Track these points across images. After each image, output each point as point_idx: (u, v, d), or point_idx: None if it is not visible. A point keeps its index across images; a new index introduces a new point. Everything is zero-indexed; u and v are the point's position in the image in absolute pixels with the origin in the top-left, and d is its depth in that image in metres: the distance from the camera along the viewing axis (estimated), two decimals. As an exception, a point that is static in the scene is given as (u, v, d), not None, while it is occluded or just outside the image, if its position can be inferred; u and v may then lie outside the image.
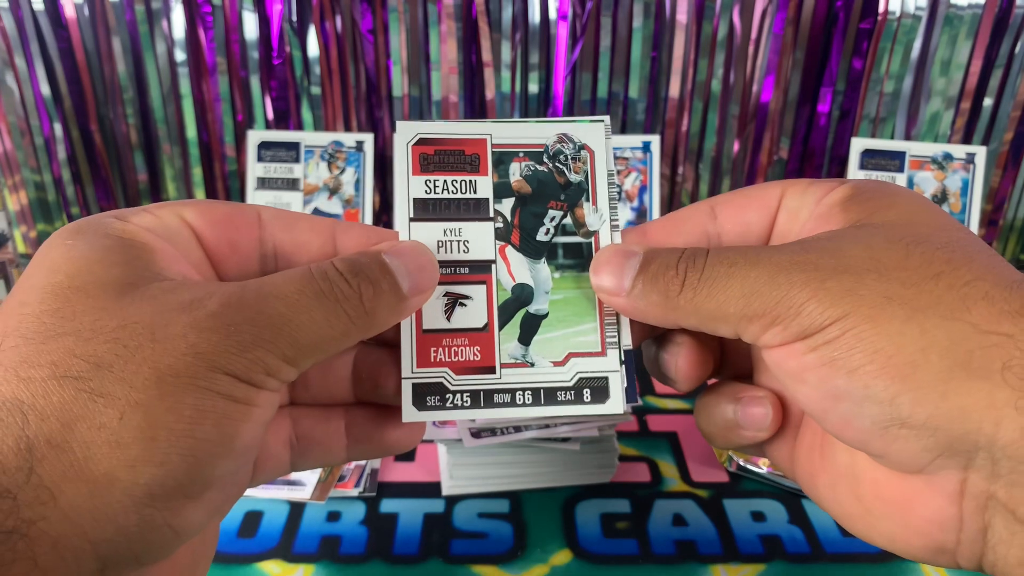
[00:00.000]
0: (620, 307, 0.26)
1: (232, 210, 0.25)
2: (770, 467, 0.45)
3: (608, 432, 0.45)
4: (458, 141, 0.27)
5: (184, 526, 0.20)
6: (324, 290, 0.22)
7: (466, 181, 0.27)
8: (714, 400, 0.27)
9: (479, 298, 0.27)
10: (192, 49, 0.70)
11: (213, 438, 0.20)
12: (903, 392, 0.20)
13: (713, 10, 0.70)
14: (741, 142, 0.75)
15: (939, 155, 0.66)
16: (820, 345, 0.22)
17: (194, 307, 0.21)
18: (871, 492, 0.24)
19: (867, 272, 0.22)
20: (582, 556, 0.41)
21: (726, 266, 0.23)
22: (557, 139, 0.28)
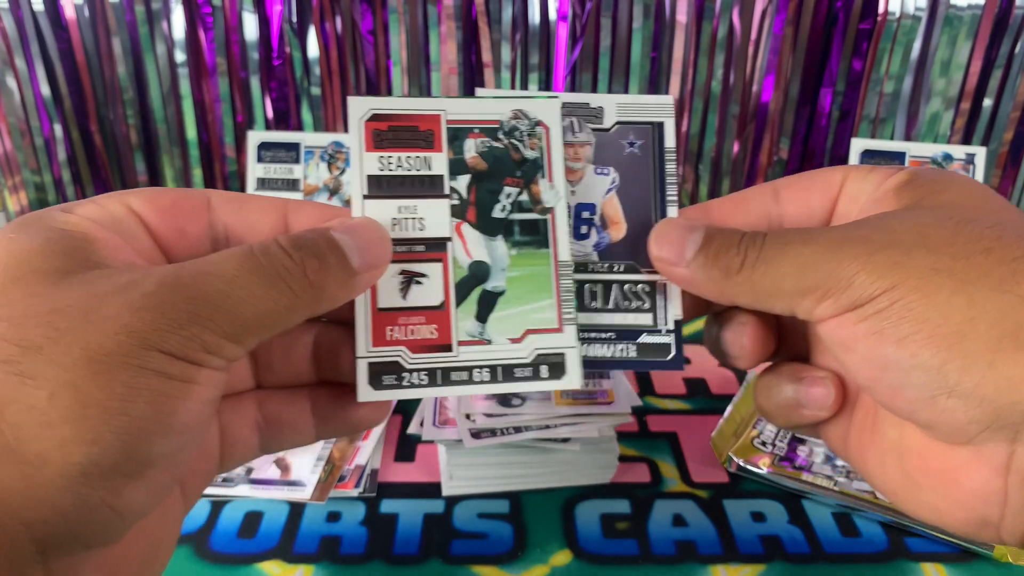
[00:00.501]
0: (678, 277, 0.26)
1: (180, 196, 0.25)
2: (770, 468, 0.45)
3: (608, 432, 0.45)
4: (412, 117, 0.27)
5: (125, 506, 0.20)
6: (265, 265, 0.22)
7: (420, 158, 0.27)
8: (775, 380, 0.28)
9: (435, 276, 0.27)
10: (192, 50, 0.70)
11: (148, 415, 0.20)
12: (950, 360, 0.21)
13: (713, 10, 0.70)
14: (741, 142, 0.75)
15: (939, 156, 0.66)
16: (870, 315, 0.22)
17: (129, 288, 0.20)
18: (917, 465, 0.24)
19: (916, 247, 0.22)
20: (582, 556, 0.41)
21: (782, 245, 0.24)
22: (512, 115, 0.28)
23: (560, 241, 0.27)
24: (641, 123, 0.28)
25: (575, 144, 0.28)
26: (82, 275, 0.21)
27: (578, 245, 0.28)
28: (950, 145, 0.67)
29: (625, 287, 0.27)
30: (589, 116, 0.28)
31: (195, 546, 0.41)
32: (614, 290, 0.27)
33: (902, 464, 0.25)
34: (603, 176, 0.28)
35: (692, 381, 0.57)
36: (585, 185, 0.28)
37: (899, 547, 0.42)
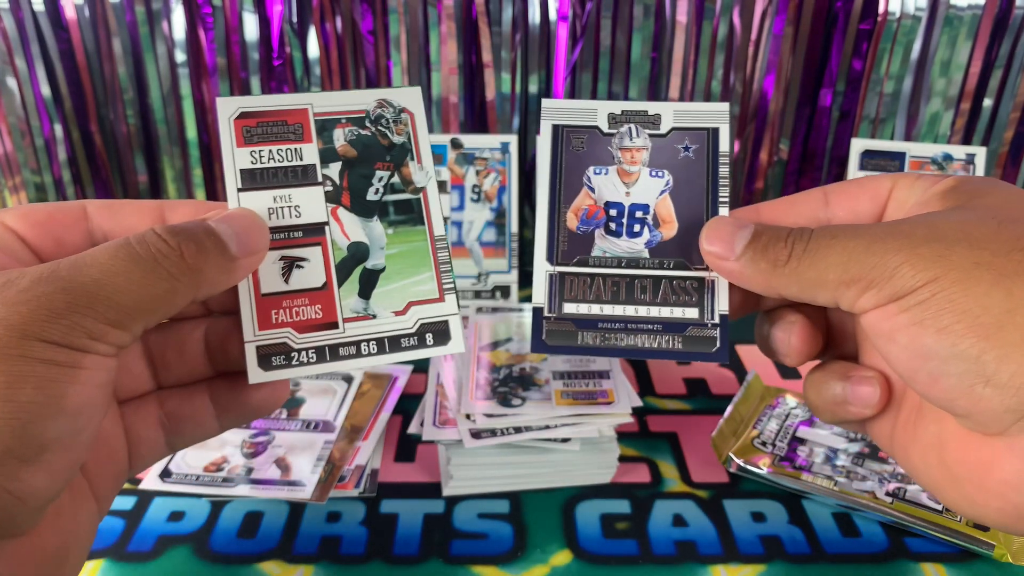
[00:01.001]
0: (727, 270, 0.28)
1: (55, 209, 0.27)
2: (770, 468, 0.45)
3: (608, 432, 0.45)
4: (280, 112, 0.29)
5: (26, 491, 0.21)
6: (141, 252, 0.23)
7: (291, 149, 0.29)
8: (824, 377, 0.29)
9: (315, 259, 0.28)
10: (192, 50, 0.70)
11: (37, 400, 0.20)
12: (988, 350, 0.22)
13: (713, 11, 0.70)
14: (741, 143, 0.75)
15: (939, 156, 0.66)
16: (912, 306, 0.23)
17: (5, 287, 0.21)
18: (955, 456, 0.25)
19: (958, 242, 0.23)
20: (582, 556, 0.41)
21: (828, 239, 0.25)
22: (377, 104, 0.30)
23: (434, 217, 0.29)
24: (696, 129, 0.30)
25: (632, 149, 0.30)
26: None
27: (630, 243, 0.29)
28: (950, 145, 0.67)
29: (674, 283, 0.29)
30: (646, 123, 0.30)
31: (195, 546, 0.41)
32: (663, 285, 0.29)
33: (942, 457, 0.25)
34: (657, 179, 0.30)
35: (692, 381, 0.57)
36: (640, 187, 0.30)
37: (899, 547, 0.42)
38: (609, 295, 0.29)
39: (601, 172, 0.30)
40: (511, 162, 0.66)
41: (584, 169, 0.30)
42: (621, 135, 0.30)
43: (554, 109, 0.30)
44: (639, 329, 0.29)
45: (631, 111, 0.30)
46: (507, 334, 0.53)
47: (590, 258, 0.29)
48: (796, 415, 0.49)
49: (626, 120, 0.30)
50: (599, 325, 0.29)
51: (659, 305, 0.29)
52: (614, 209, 0.30)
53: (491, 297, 0.65)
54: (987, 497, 0.24)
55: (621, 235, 0.30)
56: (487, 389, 0.47)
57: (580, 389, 0.47)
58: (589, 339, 0.28)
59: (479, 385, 0.47)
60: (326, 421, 0.49)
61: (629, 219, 0.30)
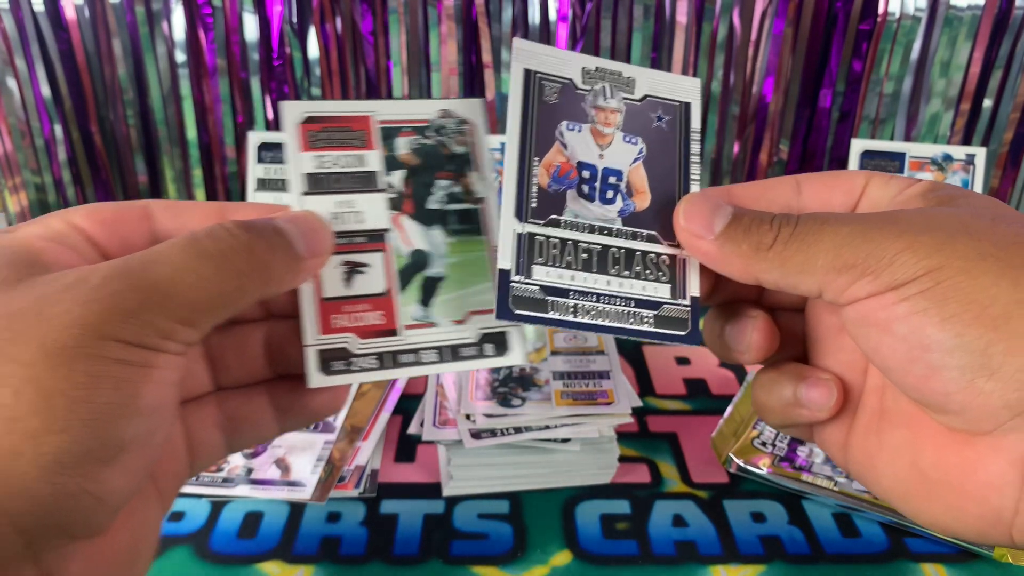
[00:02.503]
0: (703, 250, 0.26)
1: (120, 208, 0.26)
2: (770, 468, 0.45)
3: (608, 433, 0.45)
4: (344, 119, 0.29)
5: (105, 492, 0.21)
6: (210, 247, 0.23)
7: (355, 156, 0.29)
8: (776, 378, 0.28)
9: (377, 265, 0.28)
10: (192, 50, 0.70)
11: (113, 400, 0.20)
12: (996, 341, 0.21)
13: (713, 11, 0.70)
14: (741, 143, 0.76)
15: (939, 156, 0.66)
16: (913, 295, 0.22)
17: (77, 285, 0.21)
18: (932, 459, 0.24)
19: (959, 232, 0.23)
20: (582, 557, 0.41)
21: (819, 223, 0.24)
22: (440, 114, 0.29)
23: (493, 228, 0.29)
24: (670, 101, 0.29)
25: (606, 109, 0.29)
26: (31, 281, 0.22)
27: (603, 209, 0.28)
28: (950, 146, 0.67)
29: (647, 257, 0.28)
30: (620, 85, 0.29)
31: (195, 547, 0.41)
32: (636, 258, 0.28)
33: (915, 461, 0.24)
34: (631, 145, 0.29)
35: (692, 381, 0.57)
36: (613, 151, 0.28)
37: (899, 547, 0.42)
38: (580, 263, 0.27)
39: (575, 128, 0.28)
40: (511, 162, 0.66)
41: (557, 123, 0.28)
42: (595, 93, 0.29)
43: (527, 52, 0.28)
44: (611, 303, 0.27)
45: (606, 69, 0.29)
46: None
47: (561, 220, 0.27)
48: (796, 415, 0.49)
49: (600, 78, 0.29)
50: (570, 295, 0.27)
51: (631, 279, 0.27)
52: (587, 171, 0.28)
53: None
54: (966, 502, 0.23)
55: (594, 199, 0.28)
56: (487, 389, 0.47)
57: (580, 389, 0.47)
58: (559, 310, 0.26)
59: (479, 385, 0.47)
60: (326, 421, 0.49)
61: (602, 183, 0.28)
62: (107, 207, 0.26)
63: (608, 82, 0.29)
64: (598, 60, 0.29)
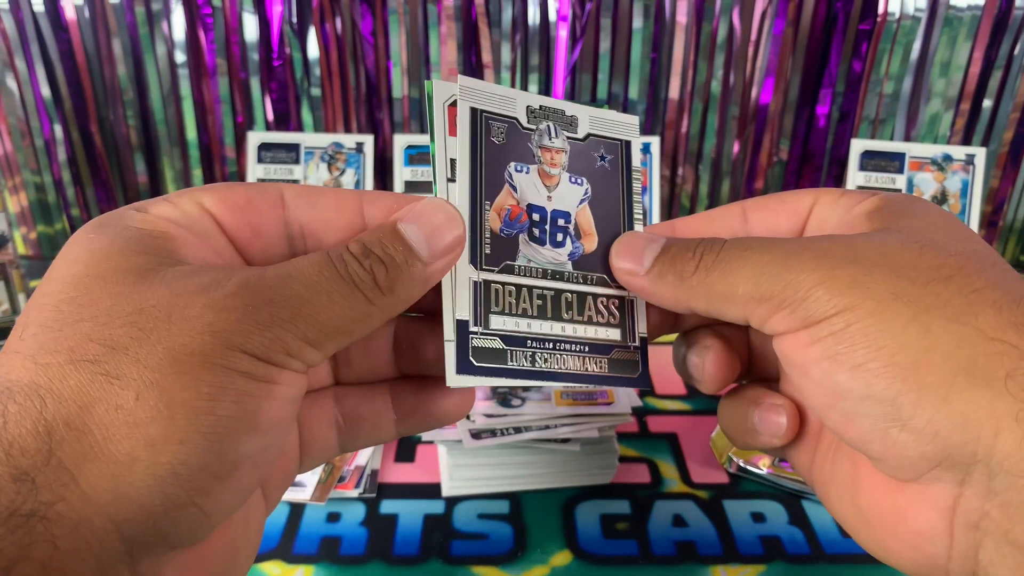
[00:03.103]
0: (638, 287, 0.26)
1: (253, 193, 0.25)
2: (770, 468, 0.45)
3: (608, 433, 0.45)
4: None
5: (213, 507, 0.20)
6: (341, 273, 0.22)
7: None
8: (736, 403, 0.28)
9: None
10: (192, 51, 0.70)
11: (234, 415, 0.20)
12: (904, 392, 0.20)
13: (713, 11, 0.70)
14: (741, 143, 0.76)
15: (939, 156, 0.66)
16: (824, 337, 0.22)
17: (212, 288, 0.20)
18: (868, 500, 0.23)
19: (877, 266, 0.22)
20: (582, 557, 0.41)
21: (741, 250, 0.24)
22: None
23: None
24: (611, 139, 0.29)
25: (551, 149, 0.28)
26: (163, 273, 0.21)
27: (554, 252, 0.27)
28: (950, 146, 0.67)
29: (598, 300, 0.27)
30: (564, 124, 0.28)
31: (195, 547, 0.41)
32: (588, 302, 0.27)
33: (855, 499, 0.24)
34: (577, 185, 0.28)
35: (692, 382, 0.57)
36: (560, 192, 0.28)
37: (899, 547, 0.42)
38: (536, 310, 0.26)
39: (523, 170, 0.27)
40: (511, 163, 0.66)
41: (505, 164, 0.27)
42: (540, 132, 0.28)
43: (472, 89, 0.27)
44: (566, 350, 0.26)
45: (549, 108, 0.28)
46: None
47: (515, 266, 0.26)
48: (796, 415, 0.49)
49: (544, 117, 0.28)
50: (528, 344, 0.26)
51: (584, 324, 0.27)
52: (537, 213, 0.27)
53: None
54: (900, 546, 0.23)
55: (545, 243, 0.27)
56: (487, 389, 0.47)
57: (580, 389, 0.47)
58: (519, 359, 0.25)
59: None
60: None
61: (552, 226, 0.27)
62: (239, 190, 0.25)
63: (552, 121, 0.28)
64: (541, 99, 0.28)
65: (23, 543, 0.17)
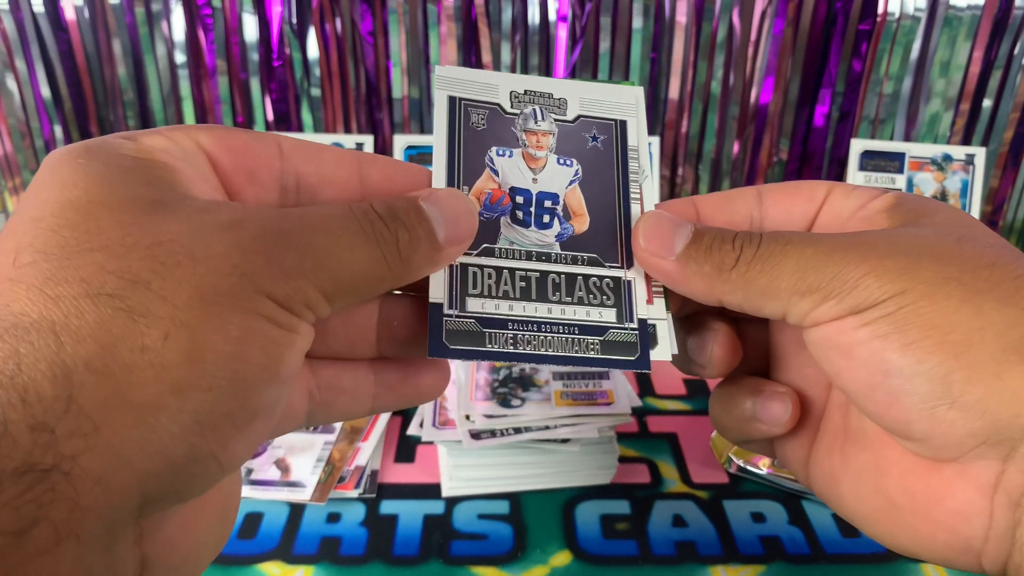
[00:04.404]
0: (664, 271, 0.25)
1: (251, 138, 0.24)
2: (770, 468, 0.45)
3: (608, 433, 0.45)
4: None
5: (229, 458, 0.19)
6: (366, 229, 0.21)
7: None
8: (734, 392, 0.27)
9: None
10: (192, 51, 0.70)
11: (261, 363, 0.19)
12: (957, 369, 0.21)
13: (712, 11, 0.70)
14: (741, 143, 0.76)
15: (938, 156, 0.66)
16: (875, 320, 0.22)
17: (235, 228, 0.19)
18: (898, 485, 0.23)
19: (923, 256, 0.22)
20: (582, 557, 0.41)
21: (782, 244, 0.24)
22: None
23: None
24: (605, 119, 0.28)
25: (537, 132, 0.28)
26: (175, 206, 0.19)
27: (539, 234, 0.27)
28: (950, 146, 0.67)
29: (590, 281, 0.27)
30: (551, 106, 0.28)
31: (195, 547, 0.41)
32: (578, 283, 0.27)
33: (880, 485, 0.24)
34: (566, 167, 0.28)
35: (692, 382, 0.57)
36: (547, 174, 0.28)
37: (899, 547, 0.42)
38: (518, 292, 0.26)
39: (505, 154, 0.27)
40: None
41: (486, 149, 0.27)
42: (525, 116, 0.28)
43: (450, 78, 0.27)
44: (553, 331, 0.26)
45: (535, 91, 0.28)
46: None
47: (496, 248, 0.26)
48: (796, 415, 0.49)
49: (530, 101, 0.28)
50: (508, 326, 0.25)
51: (574, 305, 0.26)
52: (520, 196, 0.27)
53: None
54: (934, 529, 0.22)
55: (529, 225, 0.27)
56: (487, 390, 0.47)
57: (580, 390, 0.47)
58: (498, 342, 0.25)
59: (479, 386, 0.47)
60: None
61: (538, 208, 0.27)
62: (237, 133, 0.24)
63: (538, 104, 0.28)
64: (527, 80, 0.28)
65: (42, 501, 0.15)
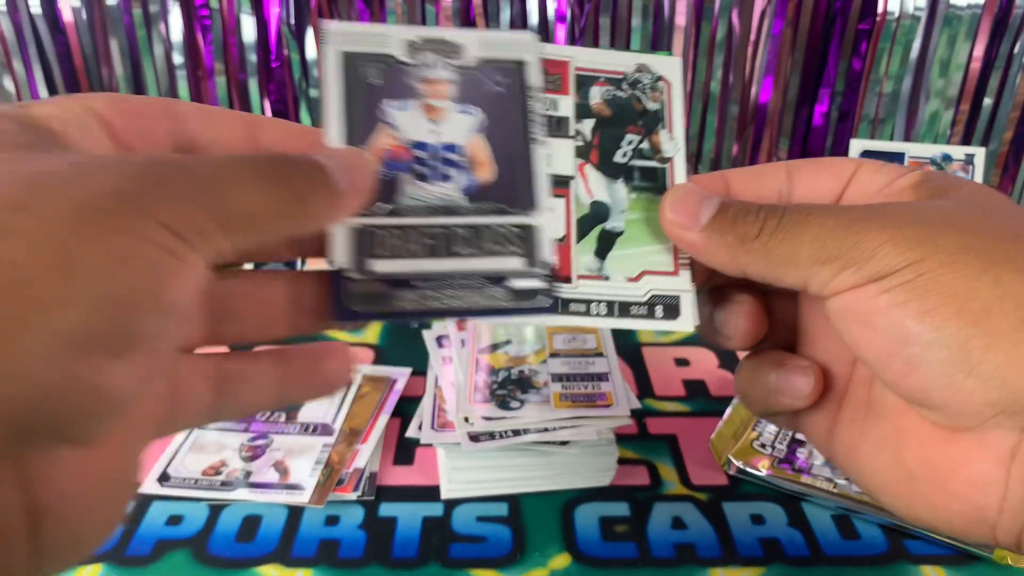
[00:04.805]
0: (688, 241, 0.26)
1: (144, 101, 0.24)
2: (769, 470, 0.45)
3: (607, 435, 0.44)
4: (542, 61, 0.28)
5: (111, 388, 0.18)
6: (255, 163, 0.21)
7: (549, 99, 0.28)
8: (758, 364, 0.28)
9: (558, 210, 0.27)
10: (190, 52, 0.70)
11: (139, 286, 0.18)
12: (976, 336, 0.21)
13: (712, 11, 0.70)
14: (740, 143, 0.75)
15: (938, 156, 0.66)
16: (893, 287, 0.22)
17: (119, 161, 0.19)
18: (915, 455, 0.24)
19: (944, 226, 0.22)
20: (581, 560, 0.41)
21: (803, 214, 0.24)
22: (636, 68, 0.29)
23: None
24: (504, 61, 0.28)
25: (435, 81, 0.27)
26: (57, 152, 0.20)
27: (442, 188, 0.27)
28: (949, 145, 0.67)
29: (497, 230, 0.27)
30: (449, 52, 0.28)
31: (194, 550, 0.41)
32: (485, 234, 0.26)
33: (898, 455, 0.24)
34: (467, 115, 0.27)
35: (691, 383, 0.57)
36: (448, 124, 0.27)
37: (899, 549, 0.42)
38: (425, 249, 0.26)
39: (402, 108, 0.27)
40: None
41: (379, 103, 0.26)
42: (421, 66, 0.27)
43: (340, 33, 0.26)
44: (461, 285, 0.26)
45: (432, 39, 0.27)
46: (506, 337, 0.53)
47: (399, 207, 0.26)
48: (795, 417, 0.49)
49: (426, 49, 0.27)
50: (413, 284, 0.25)
51: (483, 256, 0.26)
52: (421, 150, 0.27)
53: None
54: (949, 500, 0.23)
55: (431, 179, 0.27)
56: (486, 392, 0.47)
57: (579, 391, 0.47)
58: (405, 301, 0.25)
59: (477, 388, 0.47)
60: (325, 424, 0.49)
61: (440, 161, 0.27)
62: (130, 98, 0.24)
63: (436, 52, 0.27)
64: (422, 29, 0.28)
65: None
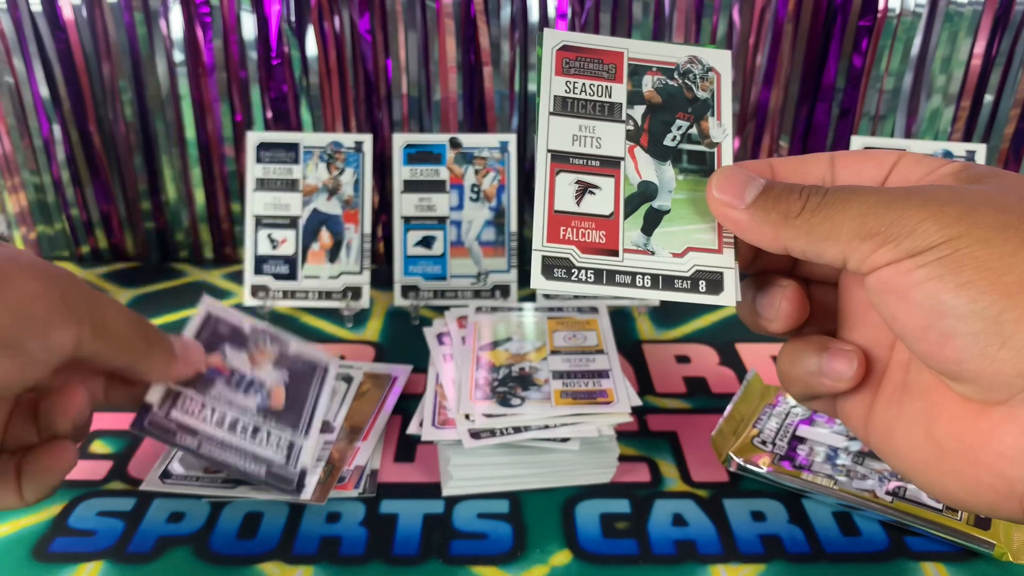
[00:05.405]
0: (734, 220, 0.27)
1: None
2: (770, 467, 0.45)
3: (608, 432, 0.45)
4: (598, 51, 0.31)
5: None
6: (129, 312, 0.28)
7: (602, 86, 0.31)
8: (801, 347, 0.29)
9: (607, 189, 0.30)
10: (191, 50, 0.70)
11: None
12: (1010, 309, 0.21)
13: (712, 8, 0.70)
14: (741, 140, 0.75)
15: (939, 153, 0.66)
16: (930, 262, 0.23)
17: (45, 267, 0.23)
18: (946, 428, 0.24)
19: (983, 205, 0.23)
20: (582, 556, 0.41)
21: (846, 193, 0.25)
22: (688, 59, 0.31)
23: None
24: (310, 360, 0.46)
25: (262, 351, 0.46)
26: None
27: (244, 399, 0.42)
28: (950, 142, 0.67)
29: (268, 434, 0.43)
30: (279, 343, 0.45)
31: (195, 547, 0.41)
32: (259, 436, 0.43)
33: (930, 430, 0.25)
34: (277, 371, 0.46)
35: (692, 380, 0.57)
36: (263, 372, 0.46)
37: (899, 546, 0.42)
38: (214, 423, 0.38)
39: (237, 353, 0.42)
40: (510, 161, 0.66)
41: (224, 344, 0.40)
42: (255, 342, 0.43)
43: (213, 305, 0.41)
44: (229, 450, 0.37)
45: (266, 331, 0.41)
46: (507, 334, 0.53)
47: (209, 394, 0.38)
48: (796, 414, 0.49)
49: (265, 335, 0.41)
50: (197, 435, 0.38)
51: (256, 446, 0.42)
52: (239, 373, 0.41)
53: (491, 296, 0.65)
54: (979, 472, 0.23)
55: (238, 390, 0.40)
56: (486, 389, 0.47)
57: (579, 389, 0.47)
58: (185, 442, 0.36)
59: (478, 385, 0.47)
60: (325, 421, 0.49)
61: (248, 383, 0.41)
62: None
63: (271, 341, 0.37)
64: (266, 325, 0.38)
65: None
